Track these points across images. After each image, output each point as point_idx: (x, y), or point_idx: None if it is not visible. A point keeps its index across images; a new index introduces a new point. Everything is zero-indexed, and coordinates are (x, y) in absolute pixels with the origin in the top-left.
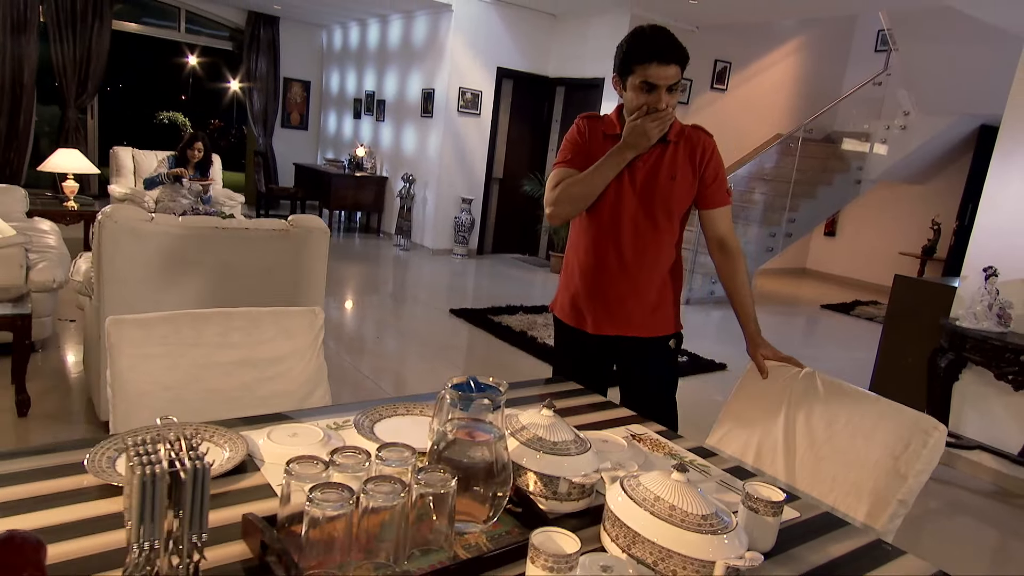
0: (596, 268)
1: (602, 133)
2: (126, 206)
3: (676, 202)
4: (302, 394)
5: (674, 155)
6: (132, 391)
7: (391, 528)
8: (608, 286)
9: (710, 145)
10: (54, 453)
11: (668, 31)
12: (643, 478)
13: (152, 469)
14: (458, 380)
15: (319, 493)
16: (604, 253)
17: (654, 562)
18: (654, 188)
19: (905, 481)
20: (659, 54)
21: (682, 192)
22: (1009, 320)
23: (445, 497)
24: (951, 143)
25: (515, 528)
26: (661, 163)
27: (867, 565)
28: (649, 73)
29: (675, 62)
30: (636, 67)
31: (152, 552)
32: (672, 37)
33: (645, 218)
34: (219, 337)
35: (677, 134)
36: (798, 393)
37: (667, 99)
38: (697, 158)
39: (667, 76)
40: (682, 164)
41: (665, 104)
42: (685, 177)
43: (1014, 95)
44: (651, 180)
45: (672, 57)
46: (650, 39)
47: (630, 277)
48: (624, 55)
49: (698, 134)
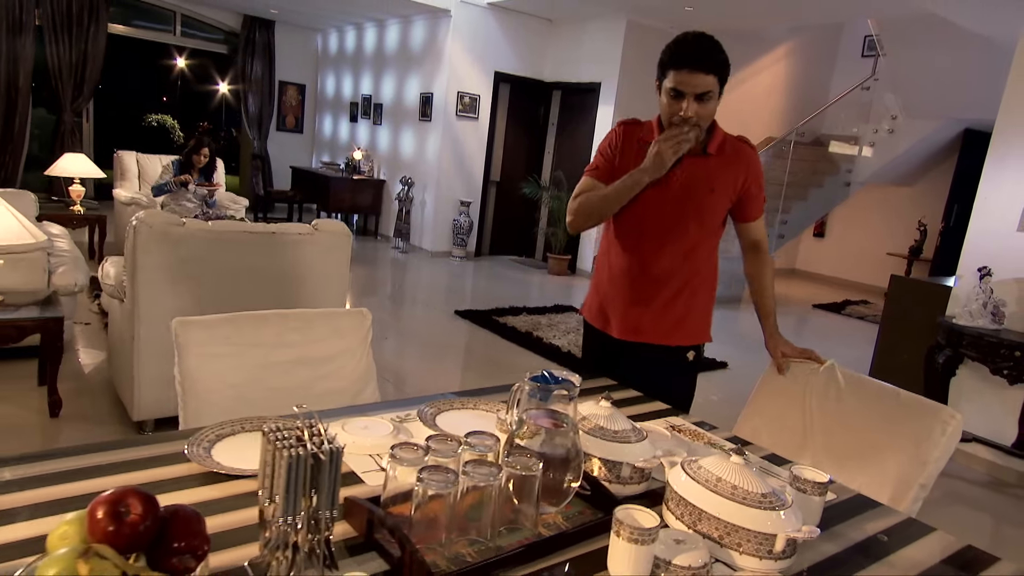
0: (624, 274)
1: (638, 140)
2: (158, 212)
3: (711, 214)
4: (354, 391)
5: (714, 167)
6: (201, 389)
7: (482, 507)
8: (635, 293)
9: (754, 160)
10: (153, 444)
11: (710, 39)
12: (703, 462)
13: (297, 452)
14: (535, 373)
15: (427, 474)
16: (633, 260)
17: (719, 536)
18: (690, 199)
19: (925, 467)
20: (688, 60)
21: (719, 204)
22: (1003, 318)
23: (532, 479)
24: (936, 146)
25: (586, 509)
26: (700, 174)
27: (902, 540)
28: (678, 79)
29: (706, 70)
30: (668, 72)
31: (293, 526)
32: (709, 44)
33: (678, 228)
34: (276, 337)
35: (718, 146)
36: (820, 386)
37: (695, 108)
38: (741, 173)
39: (695, 84)
40: (722, 177)
41: (692, 113)
42: (724, 190)
43: (1006, 102)
44: (688, 191)
45: (702, 65)
46: (684, 44)
47: (657, 285)
48: (661, 59)
49: (742, 147)
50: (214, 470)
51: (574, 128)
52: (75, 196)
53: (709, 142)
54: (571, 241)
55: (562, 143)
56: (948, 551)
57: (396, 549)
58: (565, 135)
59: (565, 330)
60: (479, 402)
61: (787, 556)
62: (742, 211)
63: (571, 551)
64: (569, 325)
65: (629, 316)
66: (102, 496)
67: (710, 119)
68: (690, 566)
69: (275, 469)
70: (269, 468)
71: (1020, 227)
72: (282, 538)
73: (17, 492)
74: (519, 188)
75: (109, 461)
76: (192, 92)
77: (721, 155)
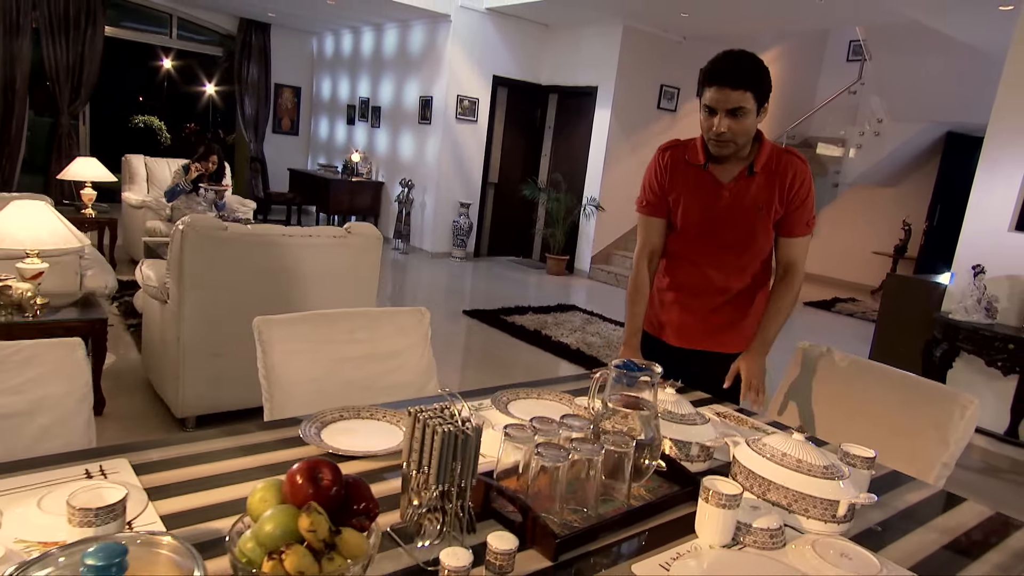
0: (680, 288)
1: (684, 161)
2: (204, 217)
3: (762, 232)
4: (419, 384)
5: (761, 185)
6: (284, 382)
7: (577, 481)
8: (689, 304)
9: (801, 171)
10: (263, 432)
11: (748, 56)
12: (767, 440)
13: (449, 429)
14: (618, 361)
15: (544, 450)
16: (683, 274)
17: (788, 504)
18: (737, 221)
19: (948, 447)
20: (719, 76)
21: (767, 222)
22: (996, 313)
23: (626, 456)
24: (920, 148)
25: (663, 484)
26: (747, 193)
27: (939, 509)
28: (710, 96)
29: (735, 86)
30: (704, 89)
31: (444, 493)
32: (743, 61)
33: (726, 248)
34: (347, 334)
35: (764, 163)
36: (844, 377)
37: (728, 123)
38: (786, 184)
39: (726, 100)
40: (767, 194)
41: (724, 128)
42: (769, 207)
43: (997, 110)
44: (736, 211)
45: (731, 81)
46: (718, 61)
47: (710, 298)
48: (699, 76)
49: (790, 159)
50: (329, 451)
51: (571, 130)
52: (87, 200)
53: (755, 160)
54: (569, 242)
55: (559, 145)
56: (981, 516)
57: (516, 516)
58: (562, 137)
59: (571, 328)
60: (542, 392)
61: (847, 520)
62: (784, 223)
63: (658, 518)
64: (575, 324)
65: (684, 325)
66: (299, 465)
67: (746, 135)
68: (768, 528)
69: (424, 444)
70: (418, 443)
71: (1011, 227)
72: (434, 503)
73: (172, 469)
74: (517, 190)
75: (236, 445)
76: (179, 93)
77: (766, 172)
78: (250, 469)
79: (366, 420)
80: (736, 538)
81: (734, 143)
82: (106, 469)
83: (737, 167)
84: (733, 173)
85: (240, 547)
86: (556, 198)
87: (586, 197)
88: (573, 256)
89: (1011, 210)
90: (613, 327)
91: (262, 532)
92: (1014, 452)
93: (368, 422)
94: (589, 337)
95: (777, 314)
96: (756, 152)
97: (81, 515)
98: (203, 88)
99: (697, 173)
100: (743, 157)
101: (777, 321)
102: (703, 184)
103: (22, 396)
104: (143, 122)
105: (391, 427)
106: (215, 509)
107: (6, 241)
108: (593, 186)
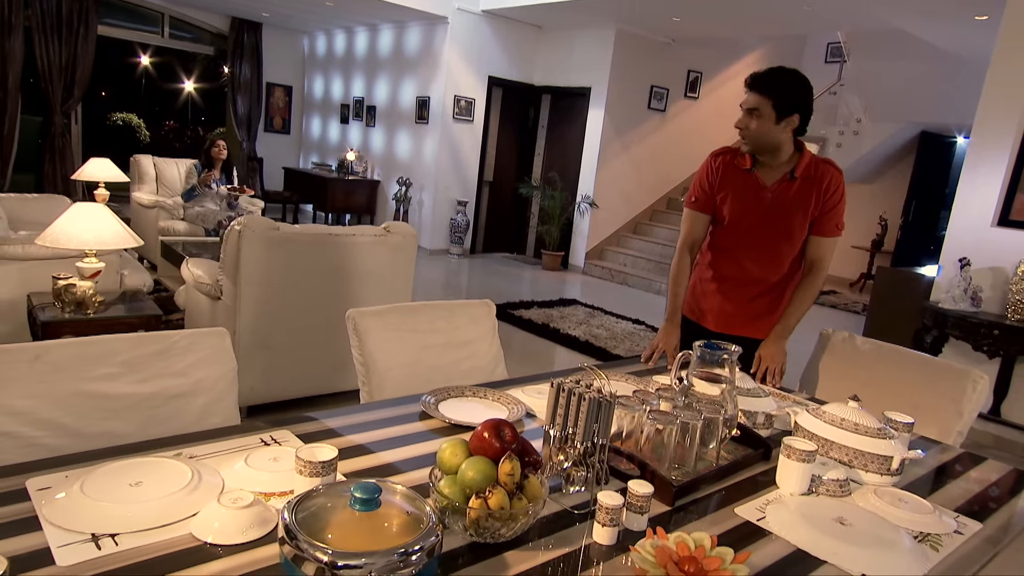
0: (722, 279)
1: (733, 165)
2: (258, 217)
3: (798, 231)
4: (490, 369)
5: (799, 189)
6: (380, 367)
7: (679, 443)
8: (729, 293)
9: (836, 179)
10: (378, 409)
11: (779, 69)
12: (825, 408)
13: (594, 396)
14: (702, 342)
15: (656, 415)
16: (725, 266)
17: (849, 460)
18: (777, 220)
19: (961, 417)
20: (749, 80)
21: (804, 222)
22: (981, 302)
23: (717, 421)
24: (896, 147)
25: (737, 447)
26: (787, 197)
27: (965, 467)
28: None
29: (753, 89)
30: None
31: (589, 449)
32: (773, 72)
33: (768, 244)
34: (428, 324)
35: (804, 169)
36: (866, 358)
37: (744, 120)
38: (822, 190)
39: (746, 100)
40: (806, 198)
41: (742, 125)
42: (806, 208)
43: (980, 115)
44: (776, 212)
45: (753, 85)
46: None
47: (749, 288)
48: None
49: (827, 168)
50: (446, 423)
51: (564, 130)
52: (100, 200)
53: (796, 167)
54: (564, 238)
55: (552, 145)
56: (1002, 471)
57: (632, 472)
58: (555, 137)
59: (577, 322)
60: (609, 373)
61: (899, 472)
62: (817, 224)
63: (739, 476)
64: (579, 317)
65: (724, 312)
66: (485, 423)
67: (760, 136)
68: (837, 479)
69: (570, 409)
70: (563, 408)
71: (994, 223)
72: (582, 458)
73: (329, 439)
74: (511, 188)
75: (365, 420)
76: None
77: (805, 177)
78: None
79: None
80: (811, 488)
81: (750, 140)
82: (276, 438)
83: (779, 172)
84: (776, 177)
85: (439, 491)
86: (551, 196)
87: (580, 194)
88: (567, 252)
89: (993, 207)
90: (615, 320)
91: (466, 477)
92: (997, 429)
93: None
94: (595, 330)
95: (801, 304)
96: (797, 160)
97: (311, 467)
98: (181, 85)
99: (744, 176)
100: (784, 163)
101: (800, 311)
102: (749, 186)
103: (186, 378)
104: (122, 120)
105: (482, 402)
106: (374, 471)
107: (74, 242)
108: (587, 184)
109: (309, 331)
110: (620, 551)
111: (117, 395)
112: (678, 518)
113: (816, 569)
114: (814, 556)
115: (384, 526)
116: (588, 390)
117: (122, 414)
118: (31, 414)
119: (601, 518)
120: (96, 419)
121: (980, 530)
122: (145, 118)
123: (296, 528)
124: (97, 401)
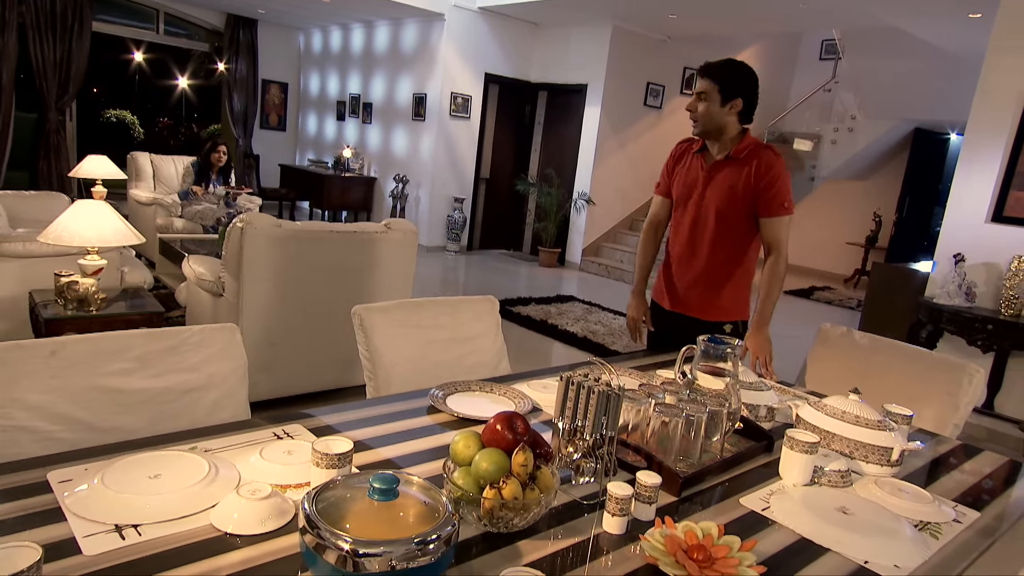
0: (673, 258)
1: (689, 151)
2: (261, 215)
3: (732, 209)
4: (493, 364)
5: (736, 168)
6: (386, 362)
7: (683, 435)
8: (679, 273)
9: (768, 159)
10: (387, 404)
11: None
12: (826, 400)
13: (602, 389)
14: (705, 337)
15: (663, 407)
16: (679, 246)
17: (850, 452)
18: (716, 197)
19: (958, 410)
20: (699, 67)
21: (741, 201)
22: (975, 297)
23: (721, 414)
24: (890, 144)
25: (740, 439)
26: (719, 174)
27: (963, 458)
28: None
29: (701, 75)
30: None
31: (598, 440)
32: (720, 61)
33: (708, 221)
34: (432, 320)
35: (742, 151)
36: (863, 353)
37: (693, 102)
38: (752, 169)
39: (698, 85)
40: (742, 177)
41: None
42: (744, 188)
43: (974, 114)
44: (714, 190)
45: (701, 70)
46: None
47: (696, 269)
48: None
49: (762, 150)
50: (454, 417)
51: (560, 127)
52: (98, 197)
53: (735, 150)
54: (561, 235)
55: (548, 141)
56: (998, 463)
57: (640, 463)
58: (552, 134)
59: (575, 318)
60: (615, 367)
61: (898, 464)
62: (760, 204)
63: (742, 467)
64: (576, 314)
65: (676, 292)
66: (497, 416)
67: (708, 118)
68: (839, 470)
69: (580, 401)
70: (572, 401)
71: (988, 219)
72: (591, 450)
73: (346, 431)
74: (508, 185)
75: (377, 414)
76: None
77: (740, 159)
78: (393, 433)
79: (473, 393)
80: (813, 479)
81: (700, 122)
82: (289, 432)
83: (721, 154)
84: (715, 158)
85: (454, 481)
86: (548, 192)
87: (576, 191)
88: (564, 249)
89: (987, 203)
90: (613, 316)
91: (480, 469)
92: (990, 423)
93: (474, 395)
94: (592, 326)
95: (768, 289)
96: (737, 143)
97: (328, 459)
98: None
99: (693, 159)
100: (727, 145)
101: (770, 298)
102: (693, 167)
103: (198, 373)
104: (115, 116)
105: (489, 396)
106: (385, 463)
107: (77, 239)
108: (583, 181)
109: (312, 327)
110: (629, 540)
111: (131, 390)
112: (685, 508)
113: (820, 557)
114: (818, 544)
115: (401, 516)
116: (597, 383)
117: (136, 409)
118: (47, 409)
119: (611, 508)
120: (111, 413)
121: (978, 519)
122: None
123: (317, 518)
124: (111, 396)
